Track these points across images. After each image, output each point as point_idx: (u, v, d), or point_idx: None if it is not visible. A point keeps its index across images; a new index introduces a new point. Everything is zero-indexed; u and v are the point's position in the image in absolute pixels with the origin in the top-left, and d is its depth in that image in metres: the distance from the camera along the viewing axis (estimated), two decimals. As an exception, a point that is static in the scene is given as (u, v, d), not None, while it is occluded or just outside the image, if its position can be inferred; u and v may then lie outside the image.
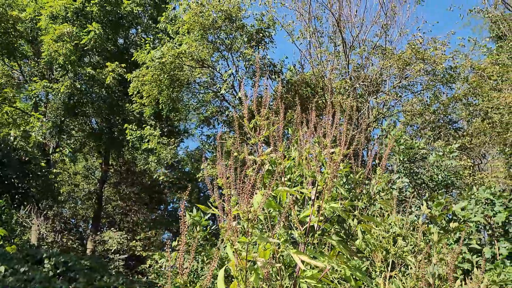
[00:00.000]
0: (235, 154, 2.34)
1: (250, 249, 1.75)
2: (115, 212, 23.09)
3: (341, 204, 2.40)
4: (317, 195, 2.27)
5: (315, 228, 2.16)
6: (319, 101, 12.88)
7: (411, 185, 9.30)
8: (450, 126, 13.88)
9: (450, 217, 5.18)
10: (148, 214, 22.76)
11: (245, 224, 1.71)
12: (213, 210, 2.32)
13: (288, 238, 2.51)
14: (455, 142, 11.03)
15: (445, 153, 9.21)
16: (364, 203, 2.50)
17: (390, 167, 9.69)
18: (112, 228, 18.63)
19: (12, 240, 15.92)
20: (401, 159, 9.33)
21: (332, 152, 2.15)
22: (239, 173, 2.12)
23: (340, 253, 2.20)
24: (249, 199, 1.72)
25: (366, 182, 2.58)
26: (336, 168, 2.02)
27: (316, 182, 2.14)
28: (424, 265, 3.43)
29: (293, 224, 2.41)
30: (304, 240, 2.12)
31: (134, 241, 18.05)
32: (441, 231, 4.59)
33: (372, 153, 2.85)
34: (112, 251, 16.37)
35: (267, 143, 2.70)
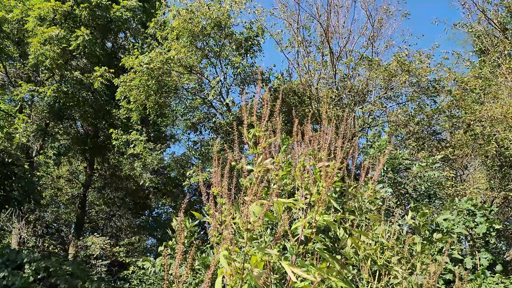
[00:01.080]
0: (233, 163, 2.37)
1: (242, 259, 1.79)
2: (99, 217, 22.78)
3: (332, 216, 2.44)
4: (308, 207, 2.31)
5: (307, 239, 2.19)
6: (306, 110, 12.99)
7: (394, 195, 9.44)
8: (433, 137, 14.12)
9: (433, 227, 5.28)
10: (132, 220, 22.52)
11: (243, 234, 1.74)
12: (207, 218, 2.34)
13: (280, 249, 2.55)
14: (438, 153, 11.24)
15: (428, 164, 9.37)
16: (356, 216, 2.56)
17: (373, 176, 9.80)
18: (95, 233, 18.37)
19: (-8, 244, 15.58)
20: (385, 169, 9.47)
21: (327, 166, 2.20)
22: (233, 181, 2.15)
23: (330, 265, 2.24)
24: (248, 209, 1.77)
25: (355, 194, 2.63)
26: (331, 182, 2.07)
27: (309, 193, 2.18)
28: (407, 275, 3.49)
29: (280, 233, 2.45)
30: (296, 252, 2.15)
31: (118, 246, 17.83)
32: (425, 242, 4.67)
33: (355, 161, 2.89)
34: (95, 256, 16.15)
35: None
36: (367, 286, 3.20)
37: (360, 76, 13.84)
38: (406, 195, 9.61)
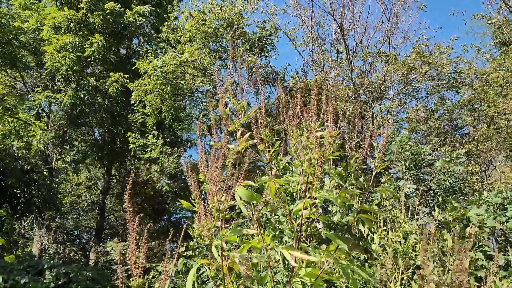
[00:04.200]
0: (212, 143, 2.20)
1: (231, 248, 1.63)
2: (118, 223, 22.89)
3: (336, 193, 2.21)
4: (308, 187, 2.10)
5: (308, 222, 1.99)
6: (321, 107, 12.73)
7: (417, 192, 9.13)
8: (455, 132, 13.72)
9: (464, 222, 5.01)
10: (151, 225, 22.52)
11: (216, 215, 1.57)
12: (195, 207, 2.18)
13: (277, 233, 2.33)
14: (462, 147, 10.88)
15: (452, 159, 9.06)
16: (363, 191, 2.32)
17: (395, 174, 9.52)
18: (115, 239, 18.45)
19: (14, 252, 15.77)
20: (407, 165, 9.18)
21: (320, 136, 1.98)
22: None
23: (339, 248, 2.02)
24: (218, 186, 1.58)
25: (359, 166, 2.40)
26: (324, 152, 1.84)
27: (302, 167, 1.95)
28: (441, 273, 3.26)
29: (284, 217, 2.26)
30: (297, 235, 1.93)
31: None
32: (454, 237, 4.42)
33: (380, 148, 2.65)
34: (115, 261, 16.18)
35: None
36: (392, 277, 2.99)
37: (377, 72, 13.55)
38: (430, 191, 9.29)
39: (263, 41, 13.07)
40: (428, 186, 9.24)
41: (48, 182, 14.35)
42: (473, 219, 4.75)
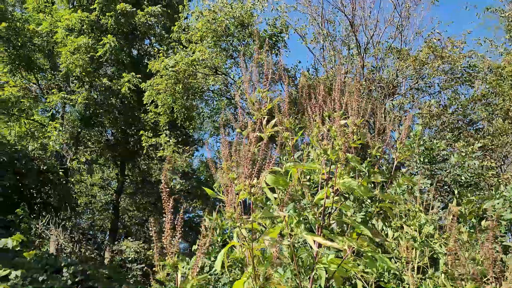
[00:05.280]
0: (238, 130, 2.24)
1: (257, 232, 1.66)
2: (132, 222, 23.11)
3: (358, 182, 2.21)
4: (330, 175, 2.11)
5: (331, 209, 2.01)
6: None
7: (432, 187, 9.05)
8: (470, 127, 13.56)
9: (480, 215, 4.97)
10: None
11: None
12: (219, 195, 2.21)
13: (301, 219, 2.36)
14: (477, 142, 10.75)
15: (467, 153, 8.97)
16: (384, 179, 2.32)
17: (407, 169, 9.45)
18: (129, 238, 18.63)
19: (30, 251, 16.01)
20: (421, 160, 9.12)
21: (344, 124, 2.02)
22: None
23: (361, 236, 2.04)
24: (250, 170, 1.60)
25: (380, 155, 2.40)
26: (348, 139, 1.87)
27: (326, 155, 1.98)
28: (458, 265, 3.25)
29: (306, 205, 2.28)
30: (320, 222, 1.96)
31: (151, 250, 18.00)
32: (472, 230, 4.39)
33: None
34: (130, 260, 16.35)
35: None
36: (408, 268, 2.99)
37: (388, 67, 13.46)
38: (445, 187, 9.21)
39: (274, 39, 13.08)
40: (443, 182, 9.16)
41: (64, 182, 14.56)
42: (489, 212, 4.71)
